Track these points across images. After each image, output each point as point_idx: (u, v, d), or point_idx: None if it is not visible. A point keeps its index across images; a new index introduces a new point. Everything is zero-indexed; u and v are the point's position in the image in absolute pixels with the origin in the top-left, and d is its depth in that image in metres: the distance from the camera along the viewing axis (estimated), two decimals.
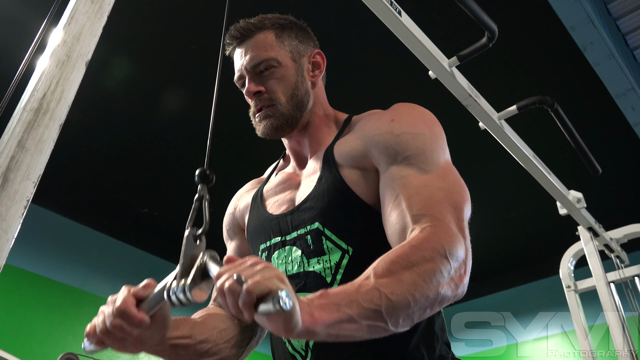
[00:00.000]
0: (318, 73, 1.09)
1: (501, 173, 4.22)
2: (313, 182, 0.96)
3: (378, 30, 1.88)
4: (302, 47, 1.08)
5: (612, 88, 3.21)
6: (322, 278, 0.88)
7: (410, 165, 0.86)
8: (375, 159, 0.91)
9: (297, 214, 0.96)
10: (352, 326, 0.64)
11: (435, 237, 0.74)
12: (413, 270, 0.69)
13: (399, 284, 0.67)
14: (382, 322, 0.66)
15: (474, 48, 1.85)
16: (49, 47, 0.82)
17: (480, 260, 6.15)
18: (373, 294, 0.65)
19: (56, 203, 4.79)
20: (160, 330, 0.79)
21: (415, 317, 0.69)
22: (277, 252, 0.96)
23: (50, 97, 0.76)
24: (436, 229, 0.76)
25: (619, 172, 4.22)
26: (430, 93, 2.60)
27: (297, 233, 0.94)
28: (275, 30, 1.05)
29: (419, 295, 0.67)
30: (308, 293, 0.88)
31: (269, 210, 1.03)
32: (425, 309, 0.70)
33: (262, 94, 1.01)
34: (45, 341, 4.25)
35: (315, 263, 0.90)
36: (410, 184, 0.83)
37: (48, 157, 0.72)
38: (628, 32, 3.42)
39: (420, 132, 0.91)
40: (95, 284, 4.92)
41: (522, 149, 2.20)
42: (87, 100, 3.53)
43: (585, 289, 2.96)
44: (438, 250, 0.72)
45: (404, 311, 0.67)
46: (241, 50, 1.05)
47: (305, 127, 1.06)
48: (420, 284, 0.68)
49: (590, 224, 2.73)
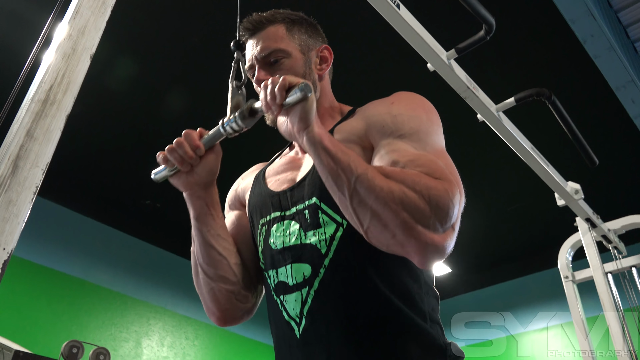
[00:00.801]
0: (325, 67, 1.14)
1: (500, 165, 4.24)
2: (312, 162, 1.00)
3: (377, 23, 1.90)
4: (311, 42, 1.12)
5: (612, 81, 3.21)
6: (317, 250, 0.92)
7: (404, 140, 0.89)
8: (372, 137, 0.95)
9: (296, 190, 1.00)
10: (330, 162, 0.81)
11: (440, 188, 0.78)
12: (398, 185, 0.77)
13: (382, 178, 0.78)
14: (346, 182, 0.79)
15: (471, 41, 1.87)
16: (55, 41, 0.85)
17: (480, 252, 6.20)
18: (361, 165, 0.81)
19: (60, 195, 4.84)
20: (209, 173, 0.98)
21: (367, 211, 0.78)
22: (275, 225, 1.01)
23: (57, 89, 0.79)
24: (444, 184, 0.79)
25: (618, 164, 4.24)
26: (429, 86, 2.62)
27: (296, 208, 0.98)
28: (286, 24, 1.10)
29: (385, 197, 0.77)
30: (304, 264, 0.93)
31: (270, 187, 1.07)
32: (380, 215, 0.77)
33: None
34: (49, 330, 4.31)
35: (312, 235, 0.94)
36: (407, 154, 0.86)
37: (55, 146, 0.75)
38: (629, 25, 3.41)
39: (417, 115, 0.94)
40: (99, 275, 4.98)
41: (520, 141, 2.22)
42: (90, 93, 3.56)
43: (583, 279, 2.99)
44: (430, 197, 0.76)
45: (366, 193, 0.78)
46: (253, 42, 1.09)
47: None
48: (393, 194, 0.77)
49: (588, 215, 2.75)
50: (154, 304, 5.33)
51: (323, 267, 0.91)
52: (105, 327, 4.79)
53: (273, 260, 0.99)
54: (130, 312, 5.08)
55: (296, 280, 0.93)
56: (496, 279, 6.17)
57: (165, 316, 5.36)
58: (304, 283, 0.92)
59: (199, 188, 0.99)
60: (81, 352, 3.13)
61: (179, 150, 0.94)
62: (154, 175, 1.01)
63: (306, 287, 0.91)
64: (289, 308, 0.93)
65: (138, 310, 5.16)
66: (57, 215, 4.91)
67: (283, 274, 0.96)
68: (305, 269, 0.92)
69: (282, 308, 0.95)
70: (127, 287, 5.17)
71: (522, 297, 5.88)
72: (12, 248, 0.67)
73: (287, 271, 0.95)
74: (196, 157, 0.95)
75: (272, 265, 0.99)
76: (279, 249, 0.98)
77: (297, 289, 0.93)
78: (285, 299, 0.95)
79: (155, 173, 1.00)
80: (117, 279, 5.13)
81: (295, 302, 0.92)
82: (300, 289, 0.92)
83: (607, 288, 2.74)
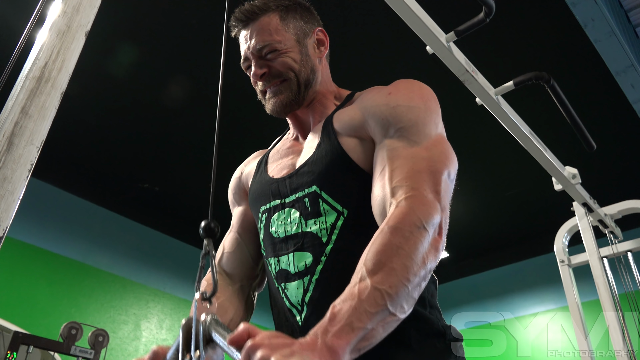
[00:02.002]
0: (323, 49, 1.12)
1: (497, 150, 4.24)
2: (312, 149, 1.00)
3: (376, 5, 1.88)
4: (306, 27, 1.10)
5: (612, 65, 3.20)
6: (318, 238, 0.93)
7: (401, 137, 0.90)
8: (371, 129, 0.95)
9: (295, 177, 1.00)
10: (370, 334, 0.69)
11: (410, 211, 0.78)
12: (400, 255, 0.73)
13: (393, 275, 0.71)
14: (392, 316, 0.71)
15: (471, 23, 1.85)
16: (50, 18, 0.84)
17: (478, 237, 6.24)
18: (375, 296, 0.70)
19: (60, 178, 4.85)
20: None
21: (415, 295, 0.74)
22: (277, 214, 1.01)
23: (52, 66, 0.78)
24: (411, 200, 0.80)
25: (616, 149, 4.25)
26: (428, 68, 2.61)
27: (295, 196, 0.98)
28: (279, 12, 1.07)
29: (412, 276, 0.72)
30: (306, 252, 0.93)
31: (270, 174, 1.07)
32: (421, 284, 0.75)
33: (267, 75, 1.05)
34: (49, 313, 4.35)
35: (312, 224, 0.94)
36: (398, 156, 0.87)
37: (50, 124, 0.75)
38: (631, 9, 3.39)
39: (415, 106, 0.94)
40: (98, 258, 5.00)
41: (518, 125, 2.22)
42: (89, 75, 3.55)
43: (579, 263, 3.01)
44: (415, 223, 0.76)
45: (405, 296, 0.72)
46: (246, 33, 1.07)
47: (310, 102, 1.09)
48: (410, 266, 0.73)
49: (585, 199, 2.76)
50: (153, 287, 5.36)
51: (324, 255, 0.91)
52: (105, 310, 4.82)
53: (275, 248, 1.00)
54: (129, 294, 5.12)
55: (298, 269, 0.94)
56: (493, 263, 6.21)
57: (164, 299, 5.40)
58: (306, 271, 0.93)
59: None
60: (80, 333, 3.16)
61: None
62: None
63: (308, 275, 0.92)
64: (291, 296, 0.94)
65: (137, 293, 5.20)
66: (57, 198, 4.92)
67: (285, 262, 0.97)
68: (307, 258, 0.93)
69: (284, 295, 0.96)
70: (126, 270, 5.20)
71: (519, 282, 5.93)
72: (7, 225, 0.67)
73: (289, 259, 0.96)
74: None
75: (274, 253, 1.00)
76: (280, 238, 0.99)
77: (299, 277, 0.93)
78: (286, 287, 0.96)
79: None
80: (116, 262, 5.16)
81: (297, 290, 0.93)
82: (302, 277, 0.93)
83: (602, 272, 2.76)
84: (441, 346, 0.87)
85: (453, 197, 0.89)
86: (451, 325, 0.92)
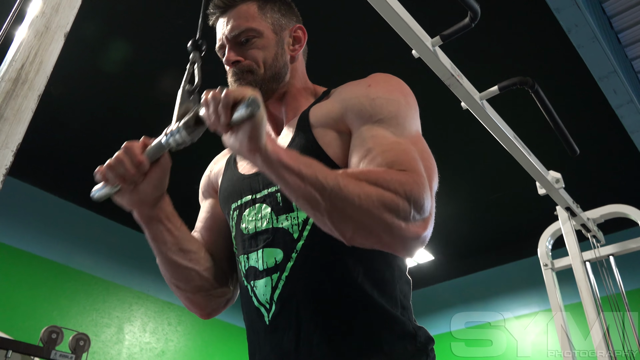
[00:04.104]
0: (298, 47, 1.10)
1: (482, 153, 4.27)
2: (286, 144, 0.98)
3: (361, 8, 1.88)
4: (284, 21, 1.09)
5: (595, 71, 3.24)
6: (289, 234, 0.91)
7: (382, 126, 0.89)
8: (350, 121, 0.93)
9: None
10: (296, 180, 0.74)
11: (410, 181, 0.78)
12: (374, 187, 0.75)
13: (355, 185, 0.75)
14: (321, 199, 0.74)
15: (456, 28, 1.85)
16: (27, 18, 0.82)
17: (463, 239, 6.25)
18: (330, 175, 0.75)
19: (41, 179, 4.77)
20: (155, 189, 0.88)
21: (349, 222, 0.75)
22: (247, 209, 0.99)
23: (29, 68, 0.76)
24: (413, 176, 0.79)
25: (598, 154, 4.29)
26: (413, 72, 2.61)
27: (267, 191, 0.96)
28: (258, 2, 1.07)
29: (365, 204, 0.74)
30: (276, 249, 0.91)
31: (241, 171, 1.05)
32: (363, 223, 0.75)
33: (240, 63, 1.03)
34: (30, 316, 4.27)
35: (284, 220, 0.92)
36: (383, 142, 0.86)
37: (26, 127, 0.73)
38: (613, 15, 3.44)
39: (395, 99, 0.93)
40: (80, 260, 4.93)
41: (503, 129, 2.23)
42: (71, 75, 3.50)
43: (562, 267, 3.03)
44: (405, 192, 0.76)
45: (344, 205, 0.74)
46: (223, 20, 1.06)
47: (282, 97, 1.08)
48: (372, 199, 0.74)
49: (568, 204, 2.78)
50: (136, 290, 5.30)
51: (295, 251, 0.89)
52: (87, 313, 4.76)
53: (244, 245, 0.97)
54: (112, 297, 5.05)
55: (267, 265, 0.91)
56: (477, 266, 6.24)
57: (147, 302, 5.34)
58: (275, 268, 0.90)
59: (146, 207, 0.91)
60: (60, 337, 3.10)
61: (119, 167, 0.84)
62: (93, 194, 0.90)
63: (277, 272, 0.90)
64: (259, 294, 0.92)
65: (120, 295, 5.13)
66: (38, 199, 4.84)
67: (254, 258, 0.94)
68: (277, 254, 0.91)
69: (252, 294, 0.94)
70: (109, 272, 5.13)
71: (503, 285, 5.97)
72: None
73: (258, 256, 0.93)
74: (139, 173, 0.85)
75: (244, 250, 0.97)
76: (250, 234, 0.96)
77: (267, 274, 0.91)
78: (255, 284, 0.93)
79: (95, 191, 0.90)
80: (99, 264, 5.09)
81: (265, 288, 0.91)
82: (271, 274, 0.91)
83: (585, 276, 2.79)
84: (412, 349, 0.86)
85: (438, 200, 0.88)
86: (422, 327, 0.91)
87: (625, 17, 3.41)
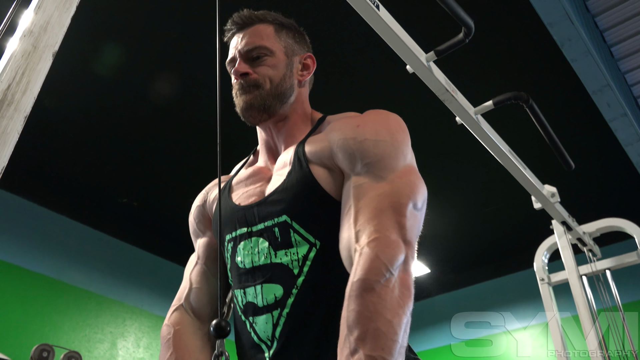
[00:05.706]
0: (306, 74, 1.14)
1: (477, 168, 4.27)
2: (283, 176, 0.98)
3: (356, 23, 1.88)
4: (296, 47, 1.13)
5: (588, 84, 3.26)
6: (289, 270, 0.90)
7: (368, 173, 0.90)
8: (339, 161, 0.95)
9: (264, 206, 0.97)
10: None
11: (375, 257, 0.78)
12: (379, 312, 0.73)
13: (381, 337, 0.71)
14: None
15: (451, 43, 1.86)
16: (15, 37, 0.81)
17: (459, 252, 6.23)
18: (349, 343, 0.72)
19: (34, 193, 4.73)
20: None
21: (405, 342, 0.75)
22: (243, 242, 0.98)
23: (15, 89, 0.74)
24: (375, 244, 0.80)
25: (594, 168, 4.30)
26: (408, 88, 2.61)
27: (264, 225, 0.96)
28: (275, 25, 1.11)
29: (397, 328, 0.73)
30: (276, 284, 0.90)
31: (236, 201, 1.04)
32: (406, 329, 0.75)
33: (249, 76, 1.05)
34: (21, 332, 4.21)
35: (283, 255, 0.91)
36: (364, 195, 0.88)
37: (12, 150, 0.71)
38: (606, 29, 3.46)
39: (382, 139, 0.94)
40: (73, 275, 4.87)
41: (498, 144, 2.23)
42: (64, 88, 3.48)
43: (558, 281, 3.02)
44: (382, 272, 0.76)
45: (398, 349, 0.72)
46: (239, 36, 1.10)
47: (282, 121, 1.09)
48: (392, 319, 0.73)
49: (564, 218, 2.78)
50: (130, 304, 5.24)
51: (295, 287, 0.89)
52: (80, 328, 4.69)
53: (240, 279, 0.96)
54: (106, 312, 4.99)
55: (267, 302, 0.91)
56: (473, 279, 6.22)
57: (141, 317, 5.28)
58: (275, 305, 0.90)
59: None
60: (52, 356, 3.06)
61: None
62: None
63: (277, 308, 0.89)
64: (259, 330, 0.91)
65: (113, 310, 5.07)
66: (30, 213, 4.79)
67: (251, 294, 0.93)
68: (277, 290, 0.90)
69: (252, 330, 0.93)
70: (102, 287, 5.07)
71: (499, 298, 5.94)
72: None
73: (257, 291, 0.93)
74: None
75: (240, 284, 0.96)
76: (247, 268, 0.95)
77: (268, 310, 0.90)
78: (255, 320, 0.92)
79: None
80: (92, 278, 5.03)
81: (265, 325, 0.90)
82: (271, 310, 0.90)
83: (581, 291, 2.77)
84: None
85: (434, 213, 0.89)
86: (417, 358, 0.92)
87: (618, 30, 3.43)
